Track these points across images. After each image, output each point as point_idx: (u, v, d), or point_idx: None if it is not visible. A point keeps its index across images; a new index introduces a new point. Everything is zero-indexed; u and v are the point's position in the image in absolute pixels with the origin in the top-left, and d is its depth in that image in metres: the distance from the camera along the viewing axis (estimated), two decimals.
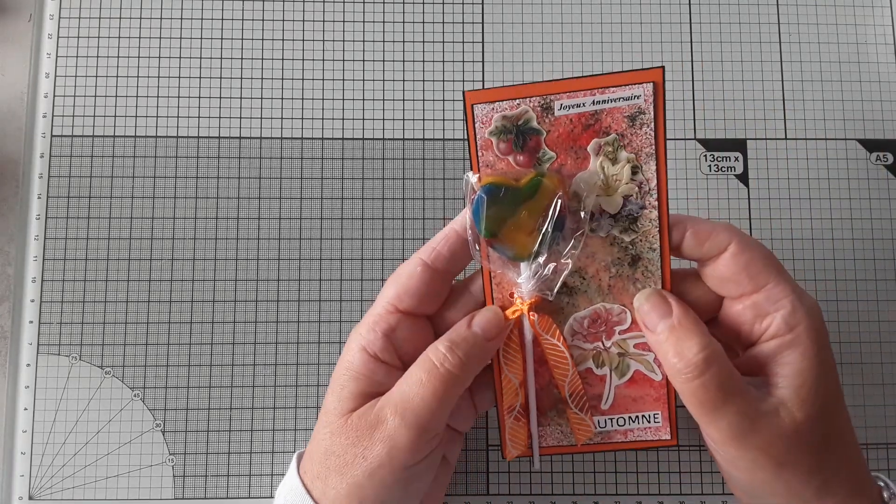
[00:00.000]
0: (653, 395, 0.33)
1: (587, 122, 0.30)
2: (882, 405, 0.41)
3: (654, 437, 0.33)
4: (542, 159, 0.31)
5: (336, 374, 0.32)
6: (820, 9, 0.44)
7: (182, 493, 0.39)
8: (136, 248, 0.41)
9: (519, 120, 0.30)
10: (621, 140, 0.30)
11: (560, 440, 0.34)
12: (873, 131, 0.43)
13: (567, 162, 0.31)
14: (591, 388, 0.33)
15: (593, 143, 0.31)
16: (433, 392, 0.29)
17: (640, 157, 0.31)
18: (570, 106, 0.30)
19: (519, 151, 0.31)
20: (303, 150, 0.42)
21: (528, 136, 0.31)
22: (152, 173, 0.42)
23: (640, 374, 0.33)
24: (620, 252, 0.32)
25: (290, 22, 0.43)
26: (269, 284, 0.41)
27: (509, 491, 0.40)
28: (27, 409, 0.40)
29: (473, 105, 0.30)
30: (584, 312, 0.32)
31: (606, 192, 0.31)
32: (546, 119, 0.30)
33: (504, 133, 0.31)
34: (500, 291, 0.32)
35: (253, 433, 0.40)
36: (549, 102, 0.30)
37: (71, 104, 0.42)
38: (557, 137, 0.31)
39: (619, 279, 0.32)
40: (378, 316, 0.32)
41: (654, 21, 0.44)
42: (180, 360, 0.40)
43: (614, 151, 0.31)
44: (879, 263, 0.42)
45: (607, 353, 0.33)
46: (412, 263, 0.32)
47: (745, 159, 0.43)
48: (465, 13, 0.44)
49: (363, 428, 0.30)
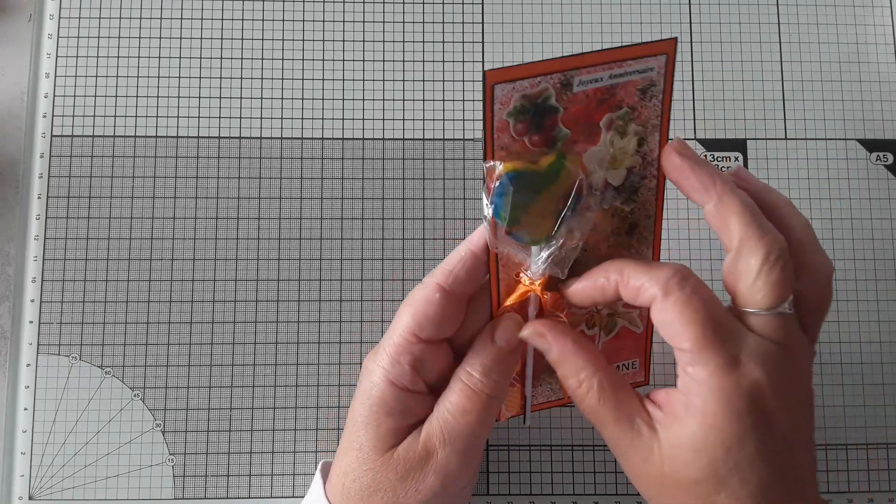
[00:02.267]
0: (633, 346, 0.35)
1: (602, 97, 0.30)
2: (882, 405, 0.41)
3: (632, 381, 0.36)
4: (557, 137, 0.30)
5: (366, 410, 0.31)
6: (820, 9, 0.44)
7: (182, 493, 0.39)
8: (136, 248, 0.41)
9: (538, 98, 0.29)
10: (632, 113, 0.30)
11: (549, 396, 0.35)
12: (873, 131, 0.43)
13: (580, 139, 0.30)
14: None
15: (606, 117, 0.30)
16: (478, 418, 0.30)
17: (646, 130, 0.30)
18: (589, 81, 0.29)
19: (535, 132, 0.30)
20: (303, 150, 0.42)
21: (545, 115, 0.29)
22: (152, 173, 0.42)
23: (625, 329, 0.34)
24: (619, 222, 0.32)
25: (290, 22, 0.43)
26: (269, 284, 0.41)
27: (509, 491, 0.40)
28: (27, 409, 0.40)
29: (494, 85, 0.29)
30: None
31: (613, 165, 0.31)
32: (564, 96, 0.29)
33: (522, 113, 0.29)
34: (505, 273, 0.32)
35: (253, 433, 0.40)
36: (569, 78, 0.29)
37: (71, 104, 0.42)
38: (573, 114, 0.30)
39: (617, 248, 0.32)
40: (400, 346, 0.31)
41: (654, 21, 0.44)
42: (180, 360, 0.40)
43: (624, 125, 0.30)
44: (879, 263, 0.42)
45: (599, 315, 0.34)
46: (429, 290, 0.30)
47: (745, 159, 0.43)
48: (465, 13, 0.44)
49: (413, 462, 0.30)
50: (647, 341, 0.35)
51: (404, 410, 0.31)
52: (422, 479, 0.30)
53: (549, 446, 0.40)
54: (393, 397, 0.30)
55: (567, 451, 0.40)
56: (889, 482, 0.40)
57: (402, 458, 0.30)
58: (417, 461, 0.30)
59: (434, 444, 0.30)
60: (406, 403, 0.31)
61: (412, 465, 0.30)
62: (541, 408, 0.36)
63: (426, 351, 0.31)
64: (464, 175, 0.42)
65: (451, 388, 0.31)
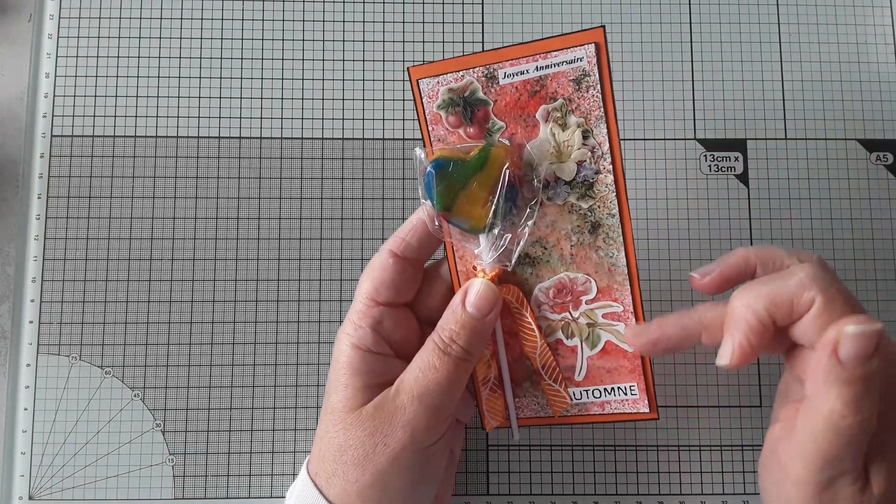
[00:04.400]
0: (627, 367, 0.33)
1: (533, 89, 0.31)
2: None
3: (633, 410, 0.33)
4: (493, 130, 0.31)
5: (334, 375, 0.32)
6: (820, 9, 0.44)
7: (182, 493, 0.39)
8: (136, 248, 0.41)
9: (465, 91, 0.31)
10: (569, 105, 0.31)
11: (537, 412, 0.34)
12: (873, 131, 0.43)
13: (517, 131, 0.31)
14: (564, 360, 0.33)
15: (541, 109, 0.31)
16: (447, 375, 0.31)
17: (589, 121, 0.31)
18: (514, 73, 0.30)
19: (468, 124, 0.31)
20: (303, 150, 0.42)
21: (475, 108, 0.31)
22: (152, 173, 0.42)
23: (611, 344, 0.33)
24: (580, 220, 0.32)
25: (290, 22, 0.43)
26: (269, 284, 0.41)
27: (509, 491, 0.40)
28: (27, 409, 0.40)
29: (419, 80, 0.31)
30: (548, 283, 0.32)
31: (559, 158, 0.31)
32: (492, 89, 0.31)
33: (452, 106, 0.31)
34: (463, 265, 0.33)
35: (253, 433, 0.40)
36: (492, 72, 0.30)
37: (71, 104, 0.42)
38: (505, 106, 0.31)
39: (581, 248, 0.32)
40: (360, 312, 0.32)
41: (654, 21, 0.44)
42: (180, 360, 0.40)
43: (563, 117, 0.31)
44: (879, 263, 0.42)
45: (576, 324, 0.33)
46: (383, 256, 0.32)
47: (745, 159, 0.43)
48: (464, 13, 0.44)
49: (382, 417, 0.30)
50: (645, 364, 0.33)
51: (371, 371, 0.31)
52: (391, 433, 0.30)
53: (549, 446, 0.40)
54: (358, 359, 0.31)
55: (567, 451, 0.40)
56: None
57: (370, 413, 0.31)
58: (386, 416, 0.30)
59: (403, 399, 0.31)
60: (371, 365, 0.32)
61: (381, 420, 0.30)
62: (529, 423, 0.35)
63: (385, 313, 0.32)
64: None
65: (423, 349, 0.32)
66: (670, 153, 0.43)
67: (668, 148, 0.42)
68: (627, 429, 0.40)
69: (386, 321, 0.32)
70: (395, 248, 0.32)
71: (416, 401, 0.30)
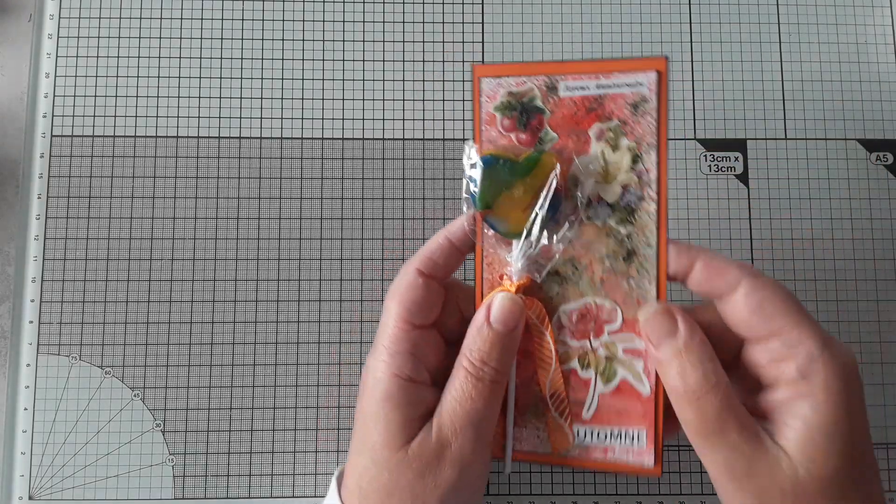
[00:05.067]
0: (639, 411, 0.31)
1: (590, 106, 0.30)
2: (882, 405, 0.41)
3: (637, 461, 0.31)
4: (545, 139, 0.31)
5: (371, 407, 0.30)
6: (820, 9, 0.44)
7: (182, 493, 0.39)
8: (136, 248, 0.41)
9: (524, 97, 0.31)
10: (623, 127, 0.30)
11: (536, 446, 0.32)
12: (873, 131, 0.43)
13: (568, 144, 0.31)
14: (575, 393, 0.31)
15: (595, 126, 0.30)
16: (484, 403, 0.30)
17: (640, 147, 0.30)
18: (575, 88, 0.30)
19: (522, 130, 0.31)
20: (303, 150, 0.42)
21: (531, 115, 0.31)
22: (152, 173, 0.42)
23: (626, 384, 0.31)
24: (616, 245, 0.31)
25: (290, 22, 0.43)
26: (269, 284, 0.41)
27: (509, 491, 0.40)
28: (27, 409, 0.40)
29: (480, 78, 0.31)
30: (574, 305, 0.31)
31: (605, 179, 0.31)
32: (550, 99, 0.30)
33: (508, 109, 0.31)
34: (490, 272, 0.32)
35: (253, 433, 0.40)
36: (554, 82, 0.30)
37: (71, 104, 0.42)
38: (561, 119, 0.31)
39: (613, 274, 0.31)
40: (395, 337, 0.30)
41: (654, 21, 0.44)
42: (180, 360, 0.40)
43: (616, 138, 0.30)
44: (879, 263, 0.42)
45: (594, 354, 0.31)
46: (411, 275, 0.31)
47: (745, 159, 0.43)
48: (465, 13, 0.44)
49: (428, 456, 0.29)
50: (657, 409, 0.30)
51: (411, 402, 0.30)
52: (440, 473, 0.29)
53: None
54: (398, 389, 0.30)
55: None
56: (889, 482, 0.40)
57: (416, 453, 0.29)
58: (433, 455, 0.29)
59: (447, 434, 0.29)
60: (411, 395, 0.30)
61: (428, 460, 0.29)
62: (525, 458, 0.32)
63: (421, 337, 0.31)
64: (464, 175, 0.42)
65: (454, 376, 0.30)
66: (670, 153, 0.43)
67: (668, 148, 0.42)
68: None
69: (422, 345, 0.31)
70: (423, 267, 0.31)
71: (460, 435, 0.29)
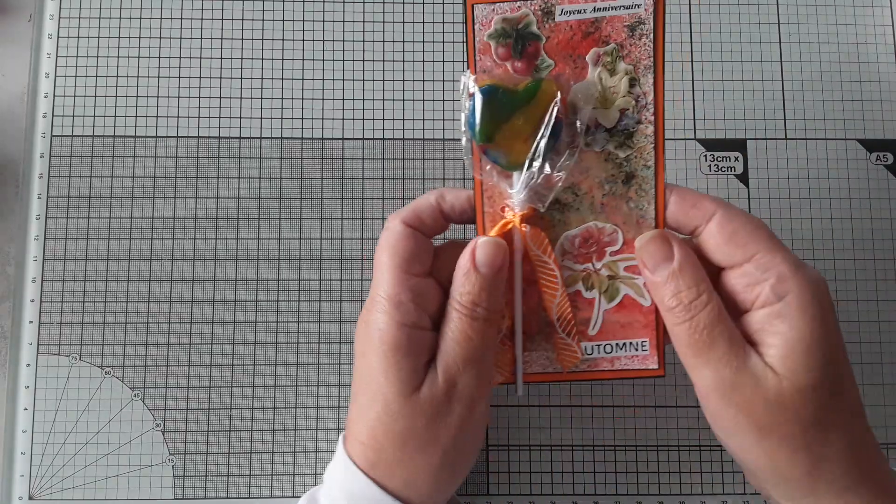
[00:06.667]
0: (641, 322, 0.32)
1: (587, 30, 0.30)
2: (882, 405, 0.41)
3: (641, 366, 0.32)
4: (541, 67, 0.30)
5: (378, 359, 0.30)
6: (820, 9, 0.44)
7: (182, 493, 0.39)
8: (136, 248, 0.41)
9: (519, 23, 0.30)
10: (620, 50, 0.30)
11: (545, 367, 0.33)
12: (873, 131, 0.43)
13: (566, 71, 0.30)
14: (580, 313, 0.32)
15: (592, 51, 0.30)
16: (482, 340, 0.30)
17: (637, 70, 0.30)
18: (571, 11, 0.30)
19: (517, 58, 0.30)
20: (303, 150, 0.42)
21: (527, 42, 0.30)
22: (152, 173, 0.42)
23: (629, 298, 0.32)
24: (615, 169, 0.31)
25: (290, 22, 0.43)
26: (269, 284, 0.41)
27: (509, 491, 0.40)
28: (27, 409, 0.40)
29: (473, 5, 0.30)
30: (576, 231, 0.32)
31: (603, 104, 0.31)
32: (546, 24, 0.30)
33: (503, 37, 0.30)
34: (490, 206, 0.31)
35: (253, 433, 0.40)
36: (550, 6, 0.30)
37: (71, 104, 0.42)
38: (557, 45, 0.30)
39: (612, 197, 0.31)
40: (396, 286, 0.30)
41: None
42: (180, 360, 0.40)
43: (613, 62, 0.30)
44: (879, 263, 0.42)
45: (597, 276, 0.32)
46: (399, 227, 0.31)
47: (745, 159, 0.43)
48: (464, 13, 0.44)
49: (439, 400, 0.30)
50: (658, 319, 0.32)
51: (417, 349, 0.30)
52: (450, 414, 0.30)
53: (549, 446, 0.40)
54: (405, 337, 0.30)
55: (567, 451, 0.40)
56: None
57: (427, 397, 0.30)
58: (443, 397, 0.30)
59: (453, 374, 0.30)
60: (417, 341, 0.30)
61: (439, 402, 0.30)
62: (535, 379, 0.33)
63: (419, 285, 0.31)
64: (464, 175, 0.42)
65: (447, 318, 0.31)
66: (670, 153, 0.43)
67: (669, 148, 0.42)
68: (628, 428, 0.40)
69: (422, 292, 0.31)
70: (409, 221, 0.31)
71: (465, 374, 0.30)
